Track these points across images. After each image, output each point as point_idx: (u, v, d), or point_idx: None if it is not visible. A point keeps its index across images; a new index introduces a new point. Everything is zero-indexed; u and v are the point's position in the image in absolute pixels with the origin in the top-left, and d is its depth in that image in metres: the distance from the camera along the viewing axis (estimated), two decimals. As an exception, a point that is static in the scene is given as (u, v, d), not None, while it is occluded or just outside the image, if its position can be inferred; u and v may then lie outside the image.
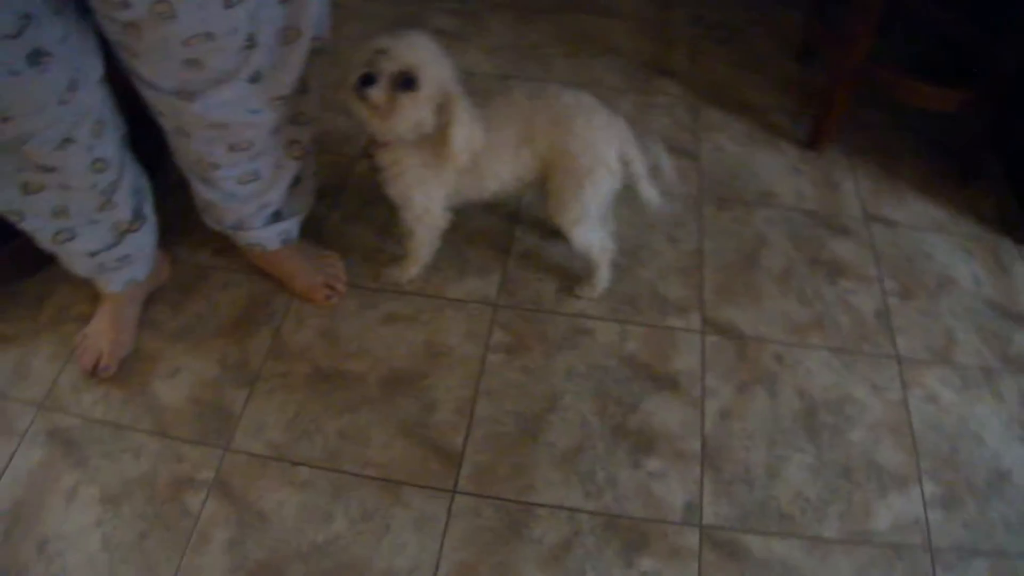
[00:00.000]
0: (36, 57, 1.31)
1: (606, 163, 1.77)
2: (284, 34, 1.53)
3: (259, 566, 1.58)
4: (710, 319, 1.96)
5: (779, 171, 2.33)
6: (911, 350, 1.93)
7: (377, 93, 1.61)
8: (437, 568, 1.57)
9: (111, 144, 1.63)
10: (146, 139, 1.89)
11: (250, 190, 1.82)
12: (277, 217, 1.94)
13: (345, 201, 2.28)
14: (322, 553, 1.60)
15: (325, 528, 1.63)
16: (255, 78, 1.54)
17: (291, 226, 1.98)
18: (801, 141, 2.42)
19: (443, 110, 1.67)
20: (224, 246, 2.08)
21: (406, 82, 1.61)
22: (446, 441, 1.75)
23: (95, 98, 1.52)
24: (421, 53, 1.63)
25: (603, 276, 1.96)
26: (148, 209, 1.87)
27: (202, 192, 1.84)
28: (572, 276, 2.04)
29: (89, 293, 2.00)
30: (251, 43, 1.47)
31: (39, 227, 1.70)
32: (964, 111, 2.21)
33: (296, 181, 1.90)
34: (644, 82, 2.66)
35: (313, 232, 2.13)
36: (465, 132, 1.68)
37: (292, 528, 1.63)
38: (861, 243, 2.15)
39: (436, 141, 1.71)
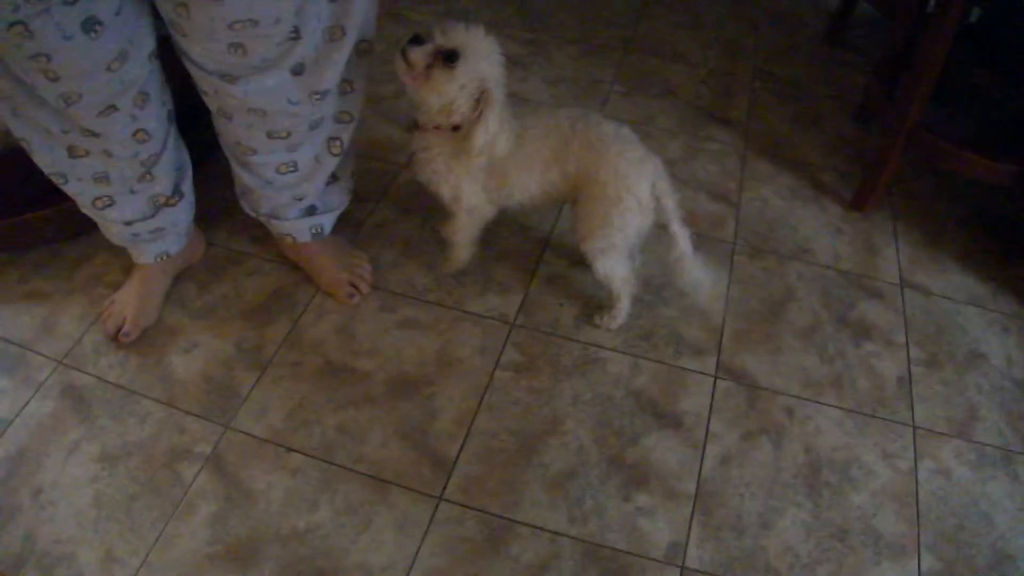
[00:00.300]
0: (90, 25, 1.39)
1: (637, 196, 1.78)
2: (330, 31, 1.57)
3: (237, 542, 1.61)
4: (725, 364, 1.95)
5: (819, 228, 2.32)
6: (929, 421, 1.89)
7: (417, 55, 1.69)
8: (410, 571, 1.58)
9: (155, 118, 1.70)
10: (202, 124, 1.96)
11: (286, 180, 1.87)
12: (311, 211, 1.99)
13: (384, 207, 2.32)
14: (300, 539, 1.62)
15: (308, 515, 1.65)
16: (298, 70, 1.59)
17: (324, 221, 2.03)
18: (846, 201, 2.41)
19: (478, 106, 1.73)
20: (259, 235, 2.14)
21: (447, 57, 1.67)
22: (441, 449, 1.77)
23: (143, 71, 1.59)
24: (473, 43, 1.69)
25: (623, 309, 1.97)
26: (187, 186, 1.94)
27: (241, 176, 1.90)
28: (594, 305, 2.05)
29: (124, 263, 2.08)
30: (296, 35, 1.51)
31: (80, 191, 1.78)
32: (1015, 186, 2.18)
33: (333, 178, 1.95)
34: (698, 127, 2.67)
35: (348, 233, 2.18)
36: (488, 133, 1.73)
37: (276, 511, 1.66)
38: (893, 308, 2.12)
39: (463, 135, 1.77)
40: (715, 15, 3.30)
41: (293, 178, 1.87)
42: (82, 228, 2.16)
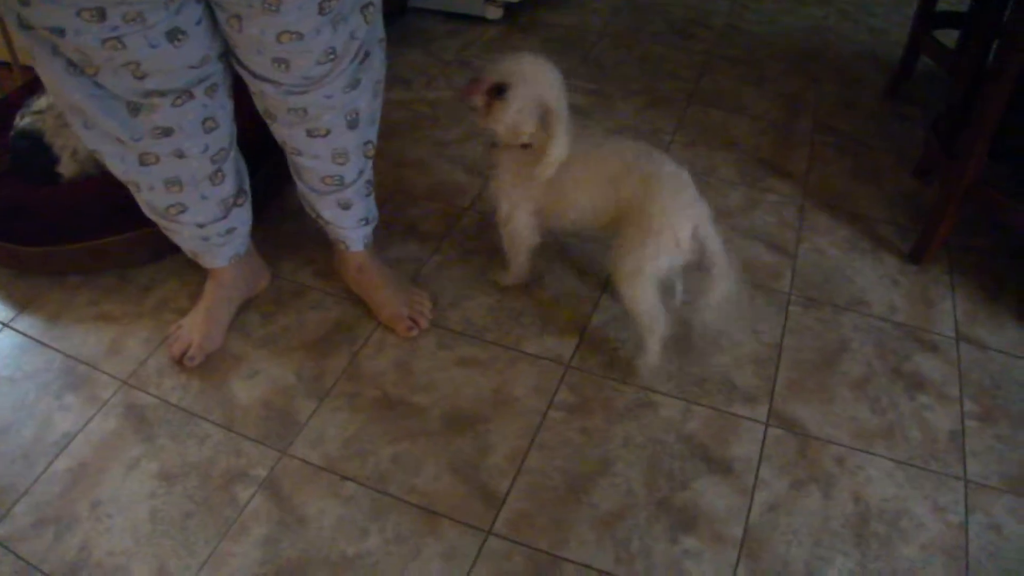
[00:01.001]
0: (174, 34, 1.50)
1: (677, 234, 1.82)
2: (361, 44, 1.70)
3: (288, 564, 1.64)
4: (777, 412, 1.96)
5: (875, 280, 2.32)
6: (981, 475, 1.87)
7: (474, 97, 1.86)
8: (457, 602, 1.61)
9: (221, 108, 1.79)
10: (270, 160, 2.03)
11: (331, 189, 1.95)
12: (363, 222, 2.07)
13: (446, 248, 2.37)
14: (349, 565, 1.64)
15: (358, 542, 1.68)
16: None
17: (372, 231, 2.12)
18: (904, 254, 2.41)
19: (546, 123, 1.87)
20: (323, 270, 2.20)
21: (498, 91, 1.83)
22: (492, 484, 1.79)
23: (216, 68, 1.70)
24: (518, 70, 1.84)
25: (652, 350, 1.98)
26: (247, 185, 2.02)
27: (296, 182, 2.00)
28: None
29: (192, 290, 2.15)
30: (334, 55, 1.62)
31: (153, 199, 1.86)
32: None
33: (368, 184, 2.02)
34: (757, 179, 2.69)
35: (410, 270, 2.23)
36: (562, 146, 1.86)
37: (327, 536, 1.69)
38: (948, 361, 2.11)
39: (533, 152, 1.91)
40: (777, 70, 3.33)
41: (337, 188, 1.95)
42: (153, 255, 2.23)
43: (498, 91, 1.82)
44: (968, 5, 2.98)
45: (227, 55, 1.70)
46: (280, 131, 1.84)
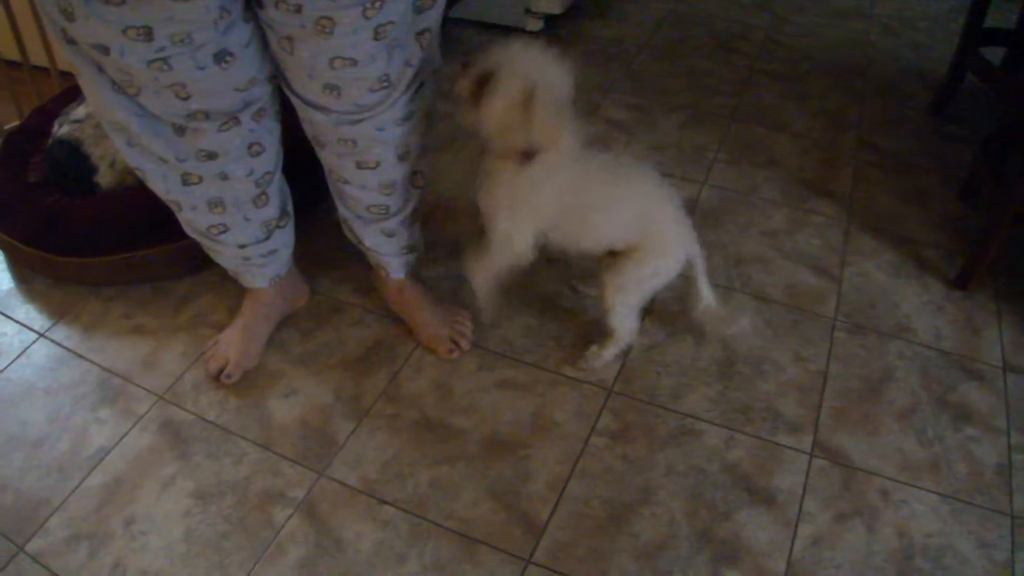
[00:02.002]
0: (222, 56, 1.47)
1: (678, 258, 1.91)
2: (416, 73, 1.66)
3: (325, 590, 1.63)
4: (821, 442, 1.93)
5: (921, 306, 2.29)
6: (1028, 511, 1.85)
7: (460, 85, 1.69)
8: (496, 632, 1.59)
9: (268, 133, 1.77)
10: (309, 176, 2.01)
11: (376, 217, 1.93)
12: (406, 250, 2.04)
13: (487, 267, 2.34)
14: (387, 592, 1.63)
15: (396, 568, 1.66)
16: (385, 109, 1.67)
17: (415, 259, 2.10)
18: (949, 280, 2.37)
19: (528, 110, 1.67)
20: (363, 287, 2.19)
21: (482, 81, 1.65)
22: (532, 511, 1.76)
23: (264, 91, 1.67)
24: (510, 59, 1.65)
25: (610, 355, 2.03)
26: (290, 206, 2.00)
27: (338, 206, 1.98)
28: (691, 374, 2.05)
29: (229, 304, 2.14)
30: (387, 82, 1.59)
31: (194, 219, 1.85)
32: None
33: (414, 213, 2.00)
34: (801, 199, 2.66)
35: (450, 291, 2.22)
36: (541, 128, 1.66)
37: (364, 561, 1.67)
38: (994, 392, 2.08)
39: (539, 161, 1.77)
40: (820, 86, 3.29)
41: (383, 217, 1.93)
42: (190, 268, 2.22)
43: (485, 81, 1.65)
44: (1016, 23, 2.93)
45: (275, 78, 1.67)
46: (329, 160, 1.81)
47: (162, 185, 1.75)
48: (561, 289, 2.28)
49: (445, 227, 2.33)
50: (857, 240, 2.50)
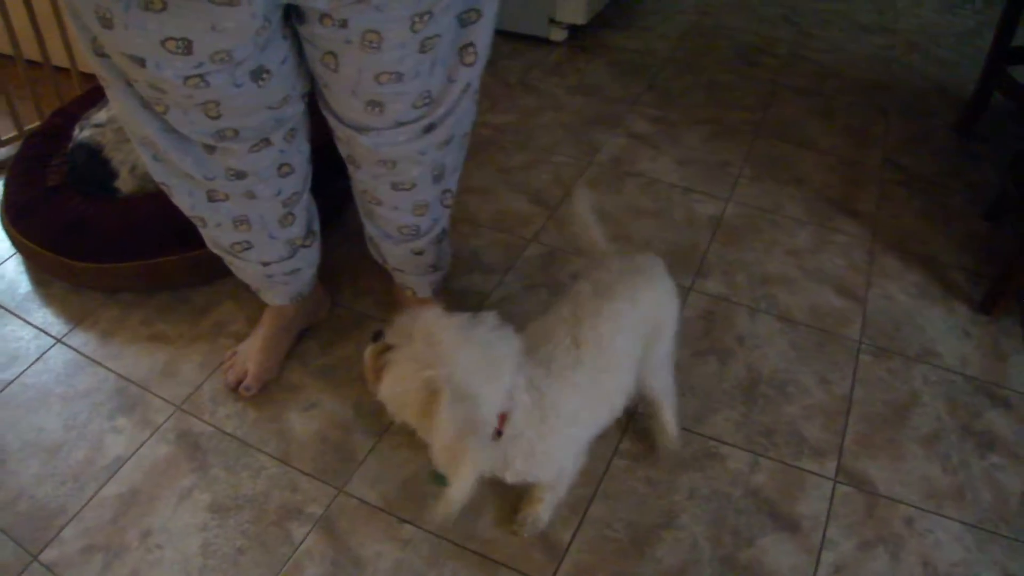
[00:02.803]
0: (259, 73, 1.43)
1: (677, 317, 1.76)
2: (462, 86, 1.61)
3: (343, 611, 1.61)
4: (845, 468, 1.90)
5: (946, 330, 2.26)
6: (1053, 542, 1.82)
7: (367, 353, 1.45)
8: (515, 658, 1.57)
9: (298, 153, 1.75)
10: (332, 184, 1.99)
11: (406, 237, 1.90)
12: (432, 269, 2.02)
13: (510, 280, 2.34)
14: (406, 614, 1.61)
15: (416, 591, 1.64)
16: (429, 128, 1.63)
17: (441, 278, 2.08)
18: (975, 303, 2.35)
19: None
20: (384, 300, 2.18)
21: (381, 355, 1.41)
22: (554, 533, 1.74)
23: (296, 110, 1.63)
24: (421, 334, 1.36)
25: (673, 423, 1.86)
26: (317, 226, 1.97)
27: (366, 225, 1.95)
28: (716, 396, 2.03)
29: (248, 314, 2.13)
30: (429, 99, 1.56)
31: (219, 236, 1.83)
32: None
33: (444, 233, 1.98)
34: (826, 218, 2.64)
35: (473, 304, 2.21)
36: (439, 433, 1.31)
37: (383, 582, 1.65)
38: (1020, 419, 2.05)
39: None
40: (844, 101, 3.27)
41: (412, 237, 1.91)
42: (210, 277, 2.21)
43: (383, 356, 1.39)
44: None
45: (308, 96, 1.65)
46: (364, 180, 1.79)
47: (187, 201, 1.73)
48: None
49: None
50: (882, 260, 2.48)
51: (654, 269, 1.71)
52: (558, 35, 3.53)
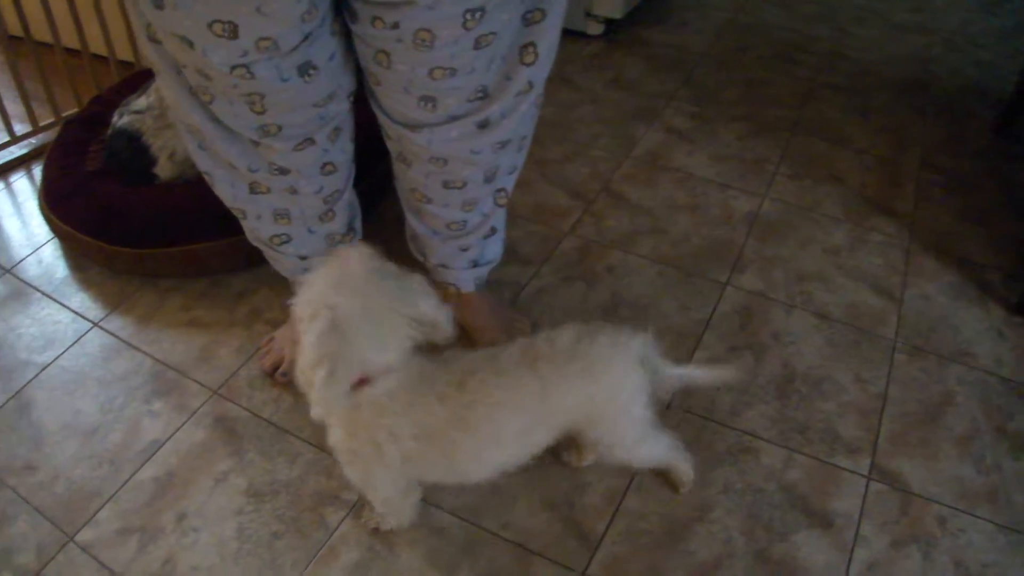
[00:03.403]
0: (305, 68, 1.43)
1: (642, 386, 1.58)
2: (520, 86, 1.59)
3: (378, 594, 1.62)
4: (879, 466, 1.90)
5: (982, 331, 2.25)
6: (1089, 545, 1.81)
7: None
8: (548, 647, 1.57)
9: (342, 152, 1.75)
10: (372, 170, 1.99)
11: (454, 234, 1.90)
12: (476, 263, 2.01)
13: (546, 272, 2.34)
14: (440, 600, 1.62)
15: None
16: (483, 124, 1.61)
17: (484, 272, 2.05)
18: (1011, 304, 2.33)
19: None
20: (423, 288, 2.16)
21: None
22: (588, 524, 1.75)
23: (341, 108, 1.63)
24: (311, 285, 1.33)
25: (686, 465, 1.80)
26: (358, 223, 1.97)
27: (411, 222, 1.94)
28: (751, 391, 2.03)
29: (284, 302, 2.10)
30: (484, 94, 1.54)
31: (258, 227, 1.84)
32: None
33: (492, 230, 1.96)
34: (863, 217, 2.62)
35: (509, 295, 2.21)
36: (302, 353, 1.29)
37: (417, 567, 1.66)
38: (1055, 423, 2.04)
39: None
40: (882, 100, 3.25)
41: (460, 233, 1.89)
42: (247, 263, 2.22)
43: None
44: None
45: (353, 95, 1.65)
46: (414, 179, 1.78)
47: (229, 191, 1.74)
48: (622, 299, 2.26)
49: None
50: (919, 260, 2.47)
51: (613, 358, 1.51)
52: (595, 29, 3.53)
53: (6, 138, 2.79)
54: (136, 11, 1.41)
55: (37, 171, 2.76)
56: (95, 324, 2.16)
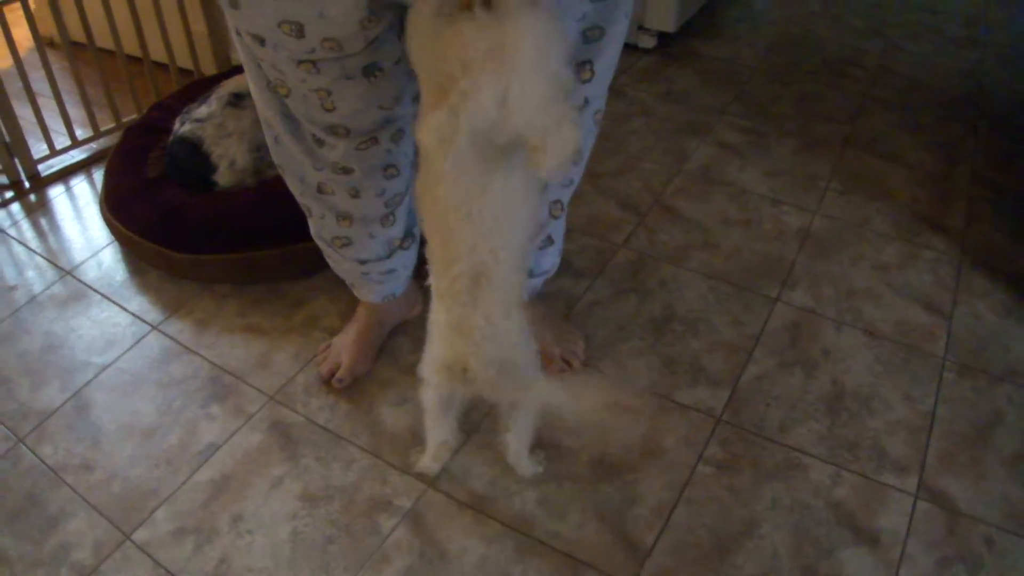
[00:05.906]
0: (371, 70, 1.46)
1: None
2: (576, 102, 1.62)
3: (430, 602, 1.64)
4: (927, 485, 1.90)
5: (1032, 351, 2.25)
6: None
7: None
8: (597, 656, 1.59)
9: (404, 156, 1.77)
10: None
11: None
12: (530, 273, 2.01)
13: (599, 286, 2.35)
14: (491, 609, 1.64)
15: (500, 586, 1.67)
16: None
17: (538, 283, 2.07)
18: (1063, 325, 2.33)
19: None
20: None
21: None
22: (637, 536, 1.77)
23: (406, 111, 1.65)
24: None
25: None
26: (417, 230, 2.00)
27: None
28: (800, 408, 2.04)
29: (341, 309, 2.17)
30: None
31: (322, 227, 1.87)
32: None
33: (548, 240, 1.98)
34: (913, 233, 2.62)
35: (562, 308, 2.23)
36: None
37: (468, 575, 1.69)
38: (1105, 445, 2.04)
39: None
40: (933, 115, 3.24)
41: None
42: (304, 271, 2.25)
43: None
44: None
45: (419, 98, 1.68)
46: None
47: (299, 187, 1.78)
48: (674, 312, 2.27)
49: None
50: (969, 278, 2.46)
51: None
52: (647, 42, 3.54)
53: (67, 142, 2.85)
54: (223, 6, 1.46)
55: (97, 175, 2.82)
56: (154, 327, 2.21)
